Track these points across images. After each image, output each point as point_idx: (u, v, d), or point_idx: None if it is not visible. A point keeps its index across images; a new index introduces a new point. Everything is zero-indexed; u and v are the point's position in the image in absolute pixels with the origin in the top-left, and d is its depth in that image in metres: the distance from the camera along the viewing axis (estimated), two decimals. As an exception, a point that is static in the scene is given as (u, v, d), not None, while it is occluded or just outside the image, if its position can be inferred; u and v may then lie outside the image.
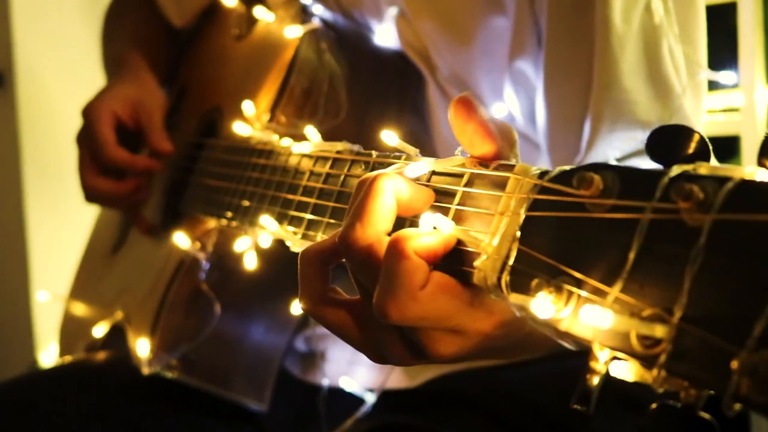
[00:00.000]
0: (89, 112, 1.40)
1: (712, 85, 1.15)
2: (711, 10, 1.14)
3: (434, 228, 0.64)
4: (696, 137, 0.54)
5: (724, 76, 1.12)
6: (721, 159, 1.10)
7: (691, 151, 0.54)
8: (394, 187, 0.66)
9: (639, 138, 1.03)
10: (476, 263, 0.61)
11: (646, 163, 0.54)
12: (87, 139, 1.40)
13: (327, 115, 1.17)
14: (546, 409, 1.13)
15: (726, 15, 1.49)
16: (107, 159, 1.37)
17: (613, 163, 1.08)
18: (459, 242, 0.64)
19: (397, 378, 1.22)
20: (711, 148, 1.06)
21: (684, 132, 0.54)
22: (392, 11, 1.23)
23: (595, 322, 0.51)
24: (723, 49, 1.46)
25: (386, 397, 1.22)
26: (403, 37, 1.23)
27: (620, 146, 1.06)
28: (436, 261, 0.64)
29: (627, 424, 1.07)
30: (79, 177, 1.42)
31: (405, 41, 1.23)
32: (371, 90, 1.21)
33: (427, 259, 0.63)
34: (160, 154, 1.40)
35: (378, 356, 0.71)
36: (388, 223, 0.66)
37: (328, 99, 1.17)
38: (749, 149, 1.55)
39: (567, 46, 1.08)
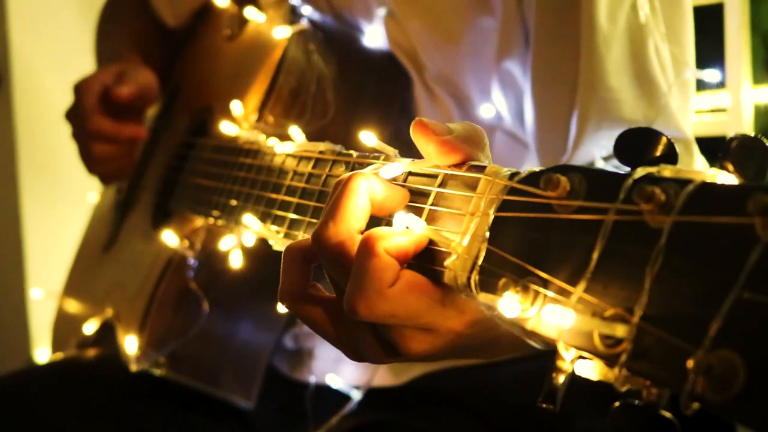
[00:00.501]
0: (79, 86, 1.44)
1: (699, 86, 1.16)
2: (698, 11, 1.15)
3: (407, 228, 0.65)
4: (663, 140, 0.55)
5: (709, 75, 1.13)
6: (708, 159, 1.11)
7: (658, 153, 0.55)
8: (369, 187, 0.67)
9: None
10: (446, 263, 0.62)
11: None
12: (75, 114, 1.44)
13: (315, 116, 1.17)
14: (530, 408, 1.14)
15: (713, 16, 1.49)
16: (91, 128, 1.39)
17: (600, 163, 1.09)
18: (431, 242, 0.65)
19: (382, 376, 1.23)
20: (690, 149, 1.07)
21: (651, 135, 0.55)
22: (381, 12, 1.24)
23: (558, 321, 0.52)
24: (710, 50, 1.46)
25: (372, 394, 1.22)
26: (391, 37, 1.24)
27: (606, 145, 1.07)
28: (408, 260, 0.65)
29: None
30: (78, 146, 1.46)
31: (393, 41, 1.24)
32: (359, 90, 1.22)
33: (398, 258, 0.63)
34: (118, 97, 1.42)
35: (354, 353, 0.71)
36: (360, 221, 0.67)
37: (316, 99, 1.18)
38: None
39: (554, 45, 1.08)
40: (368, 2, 1.26)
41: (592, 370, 0.52)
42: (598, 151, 1.08)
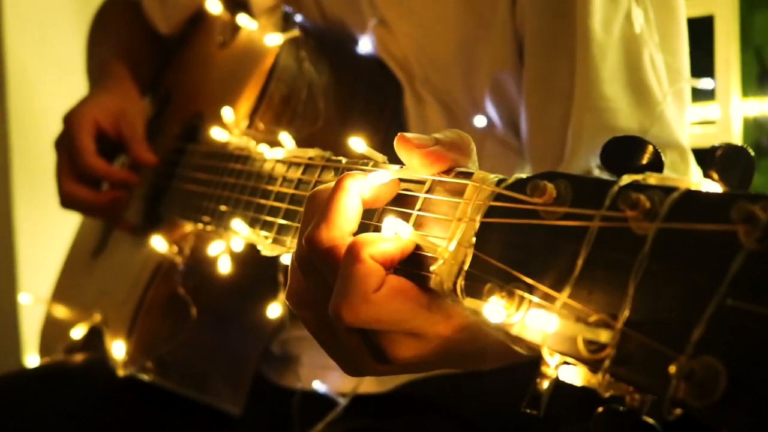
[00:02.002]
0: (70, 119, 1.40)
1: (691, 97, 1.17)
2: (688, 24, 1.15)
3: (395, 233, 0.65)
4: (650, 149, 0.55)
5: (703, 83, 1.14)
6: (699, 171, 1.11)
7: (644, 161, 0.55)
8: (360, 188, 0.68)
9: None
10: (433, 268, 0.62)
11: None
12: (66, 146, 1.41)
13: (305, 122, 1.18)
14: (515, 414, 1.14)
15: (703, 28, 1.50)
16: (85, 167, 1.38)
17: (596, 172, 1.09)
18: (418, 247, 0.65)
19: (368, 383, 1.22)
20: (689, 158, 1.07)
21: (638, 143, 0.55)
22: (374, 21, 1.24)
23: (542, 326, 0.52)
24: (700, 62, 1.47)
25: (358, 401, 1.22)
26: (383, 45, 1.24)
27: None
28: (393, 265, 0.65)
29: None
30: (57, 182, 1.43)
31: (385, 50, 1.24)
32: (350, 98, 1.22)
33: (384, 264, 0.64)
34: (142, 164, 1.40)
35: (346, 363, 0.71)
36: (352, 223, 0.67)
37: (307, 106, 1.18)
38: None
39: (548, 56, 1.09)
40: (361, 12, 1.26)
41: (576, 375, 0.53)
42: (594, 160, 1.08)
